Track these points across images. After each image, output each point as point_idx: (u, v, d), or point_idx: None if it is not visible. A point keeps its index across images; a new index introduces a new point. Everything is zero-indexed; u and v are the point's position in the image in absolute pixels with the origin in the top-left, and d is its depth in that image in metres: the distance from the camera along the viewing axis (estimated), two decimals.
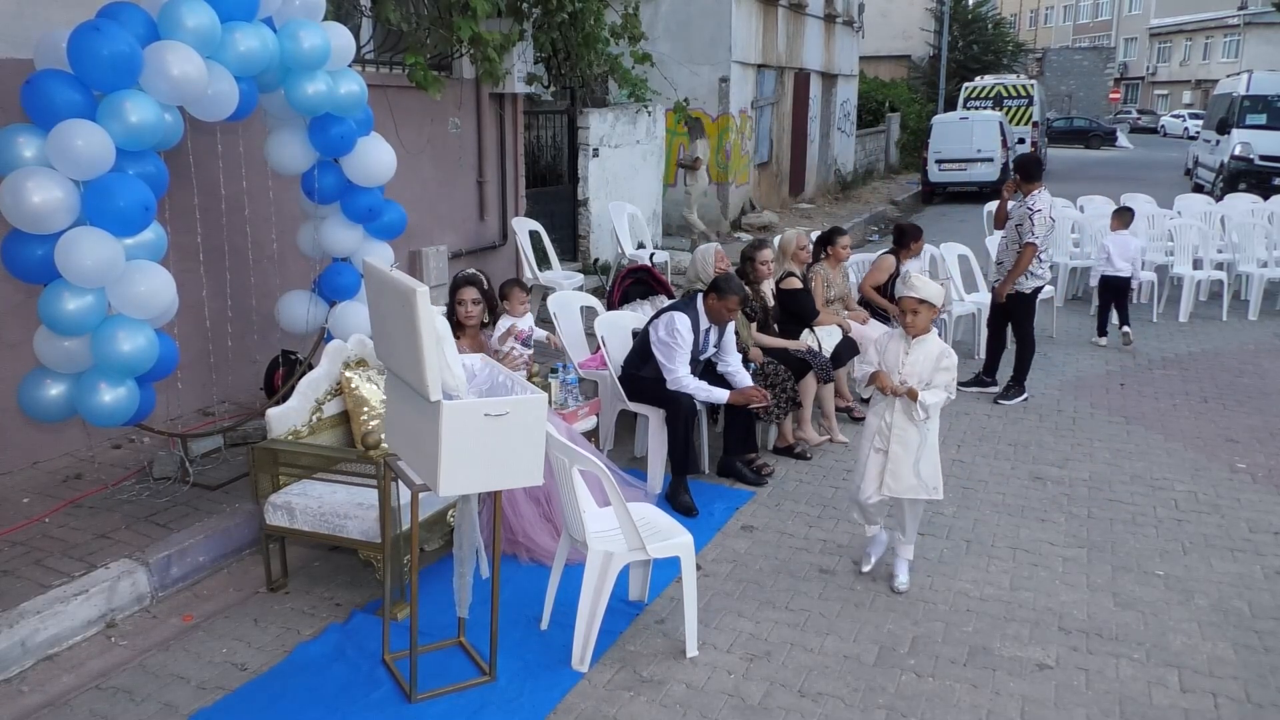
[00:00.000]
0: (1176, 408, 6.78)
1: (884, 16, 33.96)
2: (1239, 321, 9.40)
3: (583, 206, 10.80)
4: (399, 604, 3.86)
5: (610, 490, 3.50)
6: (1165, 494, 5.28)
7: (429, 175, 7.67)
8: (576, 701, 3.39)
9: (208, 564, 4.26)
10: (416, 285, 2.90)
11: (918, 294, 3.96)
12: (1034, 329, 6.97)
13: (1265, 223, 10.44)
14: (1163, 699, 3.44)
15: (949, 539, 4.71)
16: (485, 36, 7.35)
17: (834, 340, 6.20)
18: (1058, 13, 67.58)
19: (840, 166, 21.42)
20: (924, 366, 4.00)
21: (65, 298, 3.84)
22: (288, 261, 6.04)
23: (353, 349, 4.52)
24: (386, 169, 5.06)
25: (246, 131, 5.46)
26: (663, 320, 5.11)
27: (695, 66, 14.23)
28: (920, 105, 28.90)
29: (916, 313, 3.98)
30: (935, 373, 3.98)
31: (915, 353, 4.02)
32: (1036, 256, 6.60)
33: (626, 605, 4.01)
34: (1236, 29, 48.11)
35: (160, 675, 3.52)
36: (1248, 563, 4.48)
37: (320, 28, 4.63)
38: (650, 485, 5.10)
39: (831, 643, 3.78)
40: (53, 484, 4.74)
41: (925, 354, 4.01)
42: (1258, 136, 18.06)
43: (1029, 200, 6.64)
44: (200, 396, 5.73)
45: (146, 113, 3.89)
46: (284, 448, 4.04)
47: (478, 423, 2.99)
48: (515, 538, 4.37)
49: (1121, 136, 40.45)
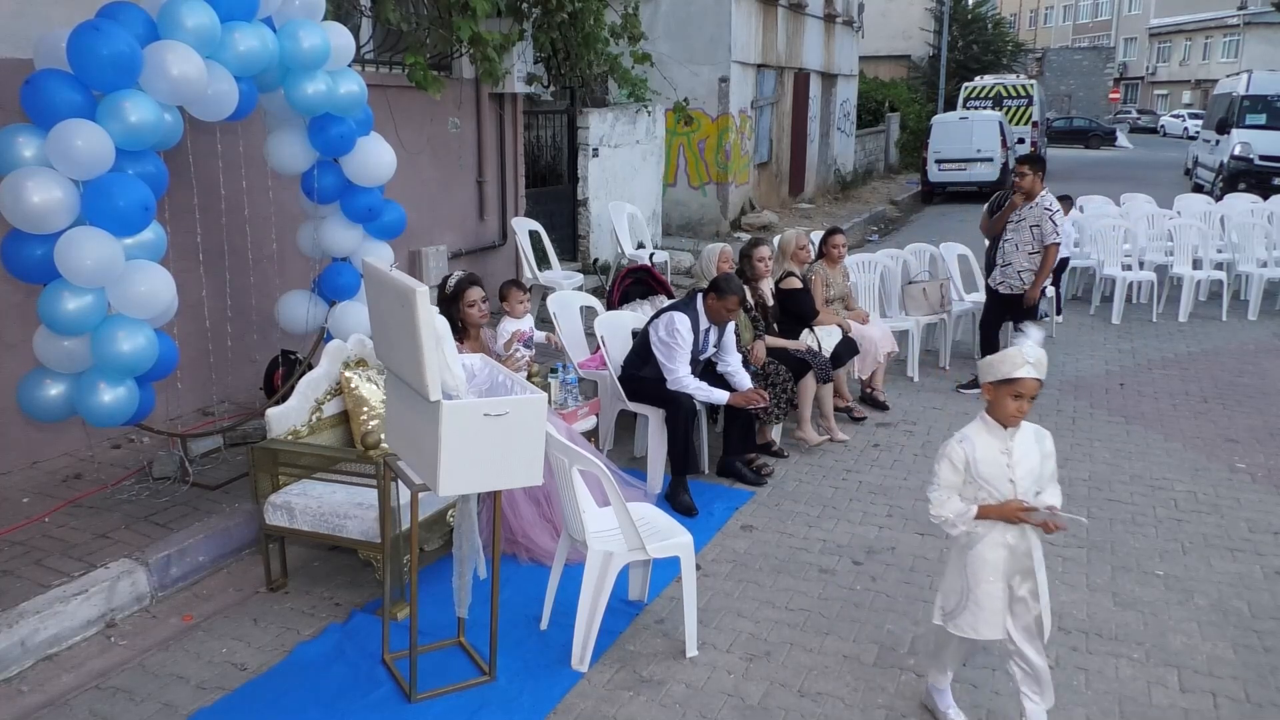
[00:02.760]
0: (1176, 408, 6.78)
1: (884, 16, 33.99)
2: (1239, 321, 9.40)
3: (582, 206, 10.80)
4: (399, 604, 3.86)
5: (610, 490, 3.50)
6: (1165, 494, 5.28)
7: (429, 175, 7.67)
8: (576, 701, 3.39)
9: (207, 564, 4.26)
10: (416, 285, 2.90)
11: (1043, 374, 2.96)
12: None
13: (1265, 223, 10.44)
14: (1162, 699, 3.44)
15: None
16: (485, 36, 7.35)
17: (833, 340, 6.20)
18: (1057, 13, 67.58)
19: (840, 166, 21.42)
20: (1033, 461, 3.03)
21: (65, 297, 3.84)
22: (287, 261, 6.04)
23: (352, 349, 4.52)
24: (386, 169, 5.06)
25: (246, 131, 5.46)
26: (663, 320, 5.11)
27: (695, 66, 14.23)
28: (920, 105, 28.90)
29: (1034, 398, 2.98)
30: (1043, 461, 3.05)
31: (1017, 449, 3.02)
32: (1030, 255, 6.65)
33: (626, 605, 4.01)
34: (1236, 29, 48.12)
35: (160, 675, 3.52)
36: (1247, 563, 4.49)
37: (320, 28, 4.63)
38: (650, 485, 5.10)
39: (831, 643, 3.78)
40: (53, 484, 4.74)
41: (1026, 446, 3.03)
42: (1257, 136, 18.07)
43: (1042, 201, 6.65)
44: (200, 396, 5.73)
45: (146, 113, 3.89)
46: (284, 448, 4.04)
47: (477, 423, 2.99)
48: (515, 538, 4.37)
49: (1121, 136, 40.47)
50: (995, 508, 2.98)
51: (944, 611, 3.18)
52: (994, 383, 2.96)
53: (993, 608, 3.04)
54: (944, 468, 3.03)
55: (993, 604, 3.05)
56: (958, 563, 3.14)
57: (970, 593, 3.08)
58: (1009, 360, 2.92)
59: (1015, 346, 2.95)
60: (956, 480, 3.02)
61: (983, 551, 3.06)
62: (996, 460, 2.98)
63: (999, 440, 3.00)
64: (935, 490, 3.06)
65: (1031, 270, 6.69)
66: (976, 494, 3.01)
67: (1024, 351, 2.91)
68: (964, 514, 3.01)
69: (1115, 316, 9.31)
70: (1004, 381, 2.92)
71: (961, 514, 3.01)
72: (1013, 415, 2.96)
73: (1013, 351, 2.93)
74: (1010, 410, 2.94)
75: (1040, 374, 2.93)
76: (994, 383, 2.96)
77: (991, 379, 2.96)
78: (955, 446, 3.03)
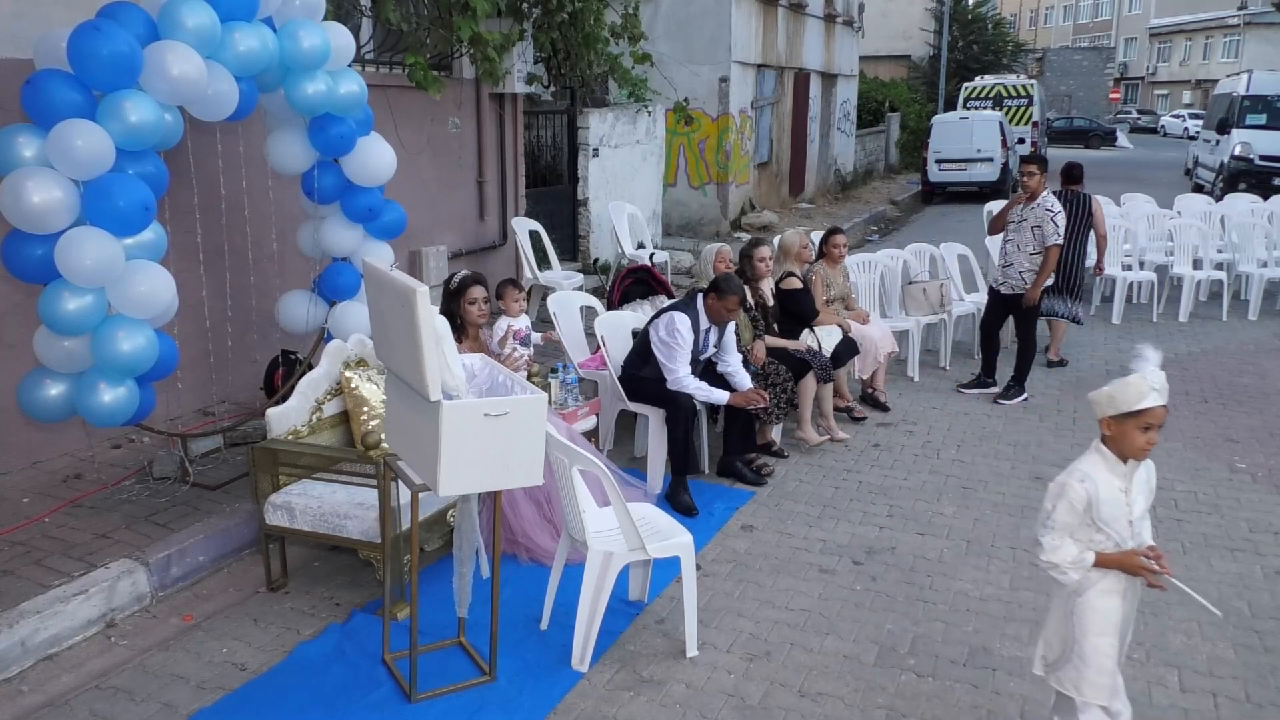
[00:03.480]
0: (1176, 408, 6.77)
1: (884, 16, 33.98)
2: (1239, 321, 9.39)
3: (582, 206, 10.80)
4: (399, 604, 3.86)
5: (610, 490, 3.50)
6: (1165, 494, 5.27)
7: (429, 175, 7.67)
8: (576, 701, 3.39)
9: (208, 564, 4.26)
10: (416, 285, 2.90)
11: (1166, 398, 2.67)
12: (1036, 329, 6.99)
13: (1265, 223, 10.44)
14: (1163, 699, 3.44)
15: (949, 539, 4.71)
16: (485, 36, 7.34)
17: (834, 340, 6.20)
18: (1058, 12, 67.59)
19: (840, 166, 21.42)
20: (1146, 498, 2.80)
21: (65, 298, 3.85)
22: (288, 261, 6.04)
23: (353, 349, 4.52)
24: (386, 169, 5.06)
25: (246, 131, 5.46)
26: (663, 320, 5.11)
27: (695, 66, 14.23)
28: (920, 105, 28.89)
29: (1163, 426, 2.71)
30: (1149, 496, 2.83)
31: (1135, 484, 2.75)
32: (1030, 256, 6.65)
33: (626, 605, 4.01)
34: (1236, 29, 48.13)
35: (160, 675, 3.52)
36: (1248, 563, 4.49)
37: (320, 28, 4.63)
38: (650, 485, 5.10)
39: (831, 643, 3.78)
40: (53, 484, 4.74)
41: (1140, 481, 2.78)
42: (1258, 136, 18.06)
43: (1044, 201, 6.65)
44: (200, 396, 5.73)
45: (146, 113, 3.89)
46: (284, 448, 4.04)
47: (477, 423, 2.99)
48: (515, 538, 4.37)
49: (1121, 136, 40.47)
50: (1116, 557, 2.71)
51: (1045, 662, 2.93)
52: (1116, 416, 2.67)
53: (1100, 665, 2.75)
54: (1061, 509, 2.72)
55: (1101, 660, 2.75)
56: (1063, 609, 2.85)
57: (1076, 645, 2.79)
58: (1132, 389, 2.63)
59: (1136, 373, 2.65)
60: (1074, 523, 2.73)
61: (1093, 600, 2.76)
62: (1117, 500, 2.71)
63: (1120, 478, 2.72)
64: (1048, 533, 2.74)
65: (1033, 270, 6.69)
66: (1092, 536, 2.73)
67: (1147, 378, 2.62)
68: (1080, 561, 2.71)
69: (1115, 316, 9.30)
70: (1129, 414, 2.64)
71: (1077, 561, 2.71)
72: (1142, 449, 2.67)
73: (1134, 379, 2.64)
74: (1139, 444, 2.66)
75: (1166, 399, 2.64)
76: (1116, 416, 2.67)
77: (1113, 412, 2.67)
78: (1076, 486, 2.71)
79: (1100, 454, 2.74)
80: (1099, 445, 2.75)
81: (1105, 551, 2.72)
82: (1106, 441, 2.73)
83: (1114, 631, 2.75)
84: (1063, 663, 2.84)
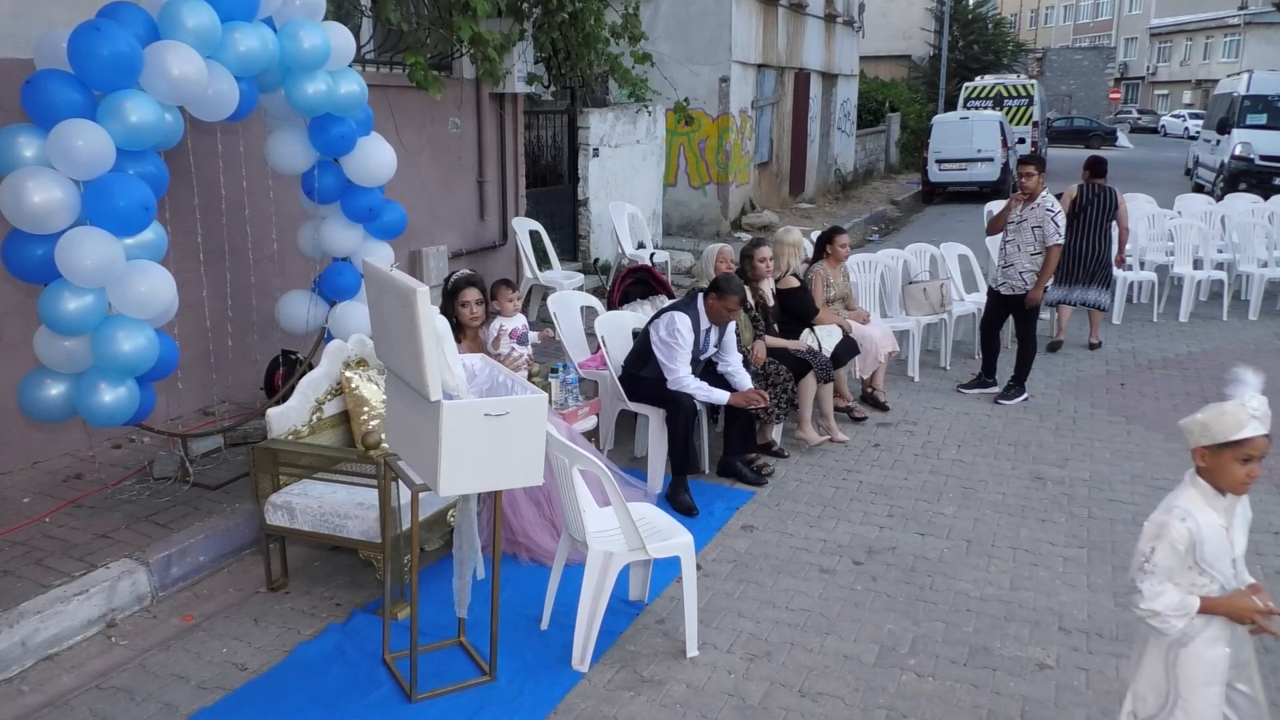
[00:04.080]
0: (1177, 408, 6.77)
1: (884, 16, 33.96)
2: (1239, 321, 9.39)
3: (583, 206, 10.80)
4: (399, 604, 3.86)
5: (610, 490, 3.50)
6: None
7: (429, 175, 7.68)
8: (576, 701, 3.39)
9: (208, 564, 4.26)
10: (416, 285, 2.90)
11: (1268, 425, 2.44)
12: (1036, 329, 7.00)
13: (1265, 223, 10.44)
14: None
15: (949, 539, 4.71)
16: (485, 36, 7.35)
17: (834, 340, 6.20)
18: (1058, 12, 67.59)
19: (840, 166, 21.42)
20: (1244, 534, 2.61)
21: (65, 298, 3.84)
22: (288, 261, 6.04)
23: (353, 349, 4.52)
24: (386, 169, 5.06)
25: (246, 131, 5.46)
26: (663, 320, 5.11)
27: (695, 66, 14.23)
28: (920, 105, 28.90)
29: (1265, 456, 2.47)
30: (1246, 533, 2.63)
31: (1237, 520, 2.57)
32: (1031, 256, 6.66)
33: (626, 605, 4.01)
34: (1237, 29, 48.13)
35: (160, 675, 3.52)
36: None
37: (320, 28, 4.63)
38: (650, 485, 5.10)
39: (831, 643, 3.78)
40: (53, 484, 4.74)
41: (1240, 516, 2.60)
42: (1258, 136, 18.06)
43: (1044, 202, 6.65)
44: (200, 396, 5.73)
45: (146, 113, 3.89)
46: (284, 448, 4.04)
47: (478, 423, 2.99)
48: (515, 538, 4.37)
49: (1122, 136, 40.48)
50: (1225, 602, 2.48)
51: (1135, 718, 2.66)
52: (1212, 446, 2.45)
53: (1206, 716, 2.51)
54: (1163, 551, 2.46)
55: (1207, 712, 2.50)
56: (1160, 659, 2.58)
57: (1181, 699, 2.52)
58: (1229, 417, 2.40)
59: (1234, 400, 2.42)
60: (1175, 566, 2.46)
61: (1200, 650, 2.50)
62: (1219, 539, 2.48)
63: (1221, 514, 2.49)
64: (1148, 579, 2.47)
65: (1033, 271, 6.69)
66: (1194, 579, 2.49)
67: (1247, 404, 2.39)
68: (1184, 607, 2.45)
69: (1115, 317, 9.30)
70: (1226, 444, 2.42)
71: (1181, 608, 2.45)
72: (1242, 483, 2.44)
73: (1231, 406, 2.40)
74: (1239, 477, 2.43)
75: (1268, 427, 2.39)
76: (1212, 446, 2.45)
77: (1208, 442, 2.45)
78: (1177, 525, 2.46)
79: (1197, 488, 2.52)
80: (1194, 478, 2.54)
81: (1210, 595, 2.49)
82: (1202, 473, 2.52)
83: (1220, 681, 2.52)
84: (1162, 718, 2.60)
